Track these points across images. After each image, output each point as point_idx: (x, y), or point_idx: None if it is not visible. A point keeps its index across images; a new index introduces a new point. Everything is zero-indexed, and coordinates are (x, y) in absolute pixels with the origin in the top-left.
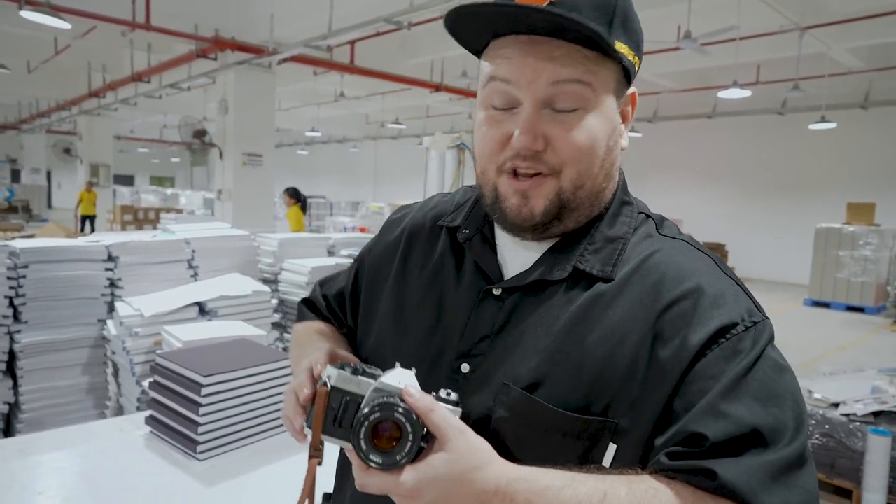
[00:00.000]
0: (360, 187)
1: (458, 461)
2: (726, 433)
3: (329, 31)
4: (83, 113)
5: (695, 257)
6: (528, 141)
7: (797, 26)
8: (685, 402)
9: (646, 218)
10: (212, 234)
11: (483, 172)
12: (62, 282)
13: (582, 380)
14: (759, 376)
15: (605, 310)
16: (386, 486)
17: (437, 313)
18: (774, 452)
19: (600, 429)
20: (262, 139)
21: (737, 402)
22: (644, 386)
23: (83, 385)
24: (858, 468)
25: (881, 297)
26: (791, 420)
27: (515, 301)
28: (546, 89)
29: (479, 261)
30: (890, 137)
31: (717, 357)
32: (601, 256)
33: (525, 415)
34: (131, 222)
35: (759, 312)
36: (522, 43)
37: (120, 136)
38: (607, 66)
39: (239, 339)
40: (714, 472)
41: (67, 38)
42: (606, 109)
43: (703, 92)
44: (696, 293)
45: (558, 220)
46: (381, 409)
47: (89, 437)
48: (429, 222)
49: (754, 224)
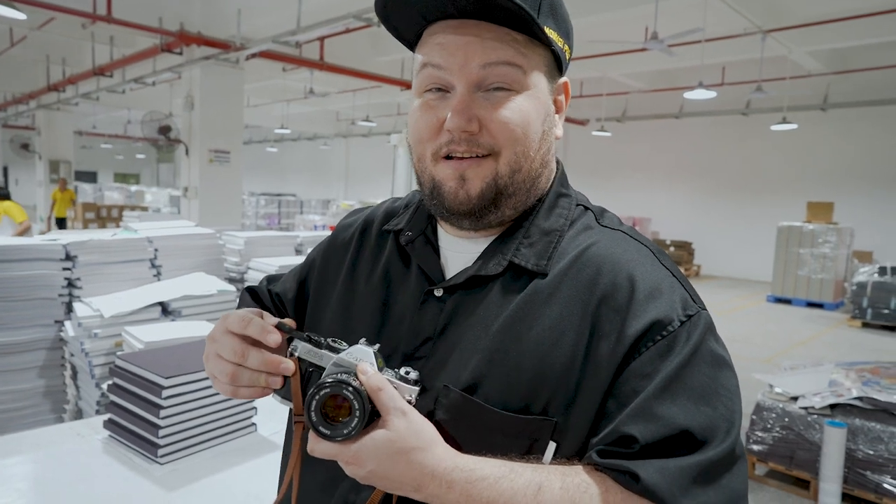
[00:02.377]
0: (331, 185)
1: (397, 439)
2: (656, 435)
3: (298, 26)
4: (41, 107)
5: (632, 248)
6: (461, 122)
7: (760, 29)
8: (618, 401)
9: (584, 210)
10: (175, 232)
11: (419, 160)
12: (17, 282)
13: (521, 379)
14: (693, 374)
15: (542, 307)
16: (332, 451)
17: (382, 318)
18: (702, 454)
19: (540, 428)
20: (230, 136)
21: (669, 402)
22: (580, 383)
23: (40, 388)
24: (816, 459)
25: (839, 293)
26: (723, 420)
27: (456, 301)
28: (477, 72)
29: (421, 262)
30: (847, 138)
31: (652, 355)
32: (536, 250)
33: (465, 416)
34: (94, 220)
35: (694, 304)
36: (453, 27)
37: (81, 131)
38: (537, 50)
39: (203, 340)
40: (637, 474)
41: (23, 29)
42: (538, 92)
43: (670, 92)
44: (630, 285)
45: (495, 206)
46: (331, 386)
47: (44, 441)
48: (377, 227)
49: (719, 222)
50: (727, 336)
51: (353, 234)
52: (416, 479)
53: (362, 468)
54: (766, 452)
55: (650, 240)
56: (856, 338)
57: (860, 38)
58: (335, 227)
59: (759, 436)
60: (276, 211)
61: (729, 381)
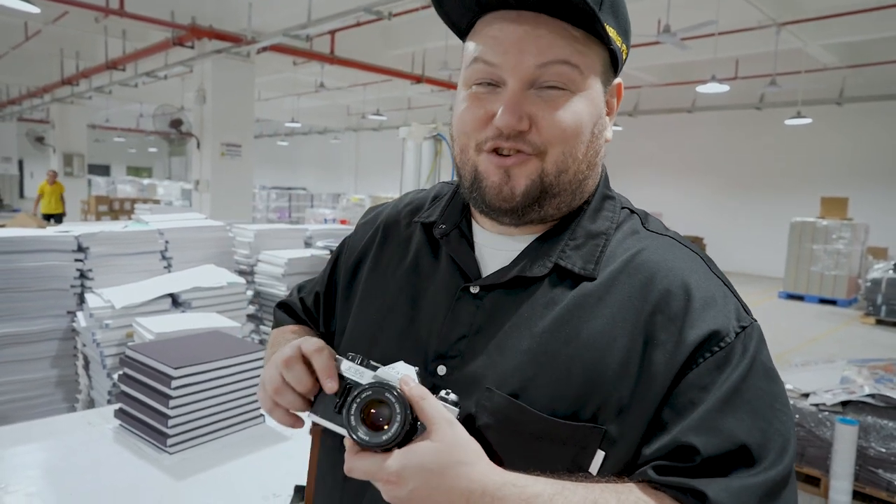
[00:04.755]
0: (342, 179)
1: (444, 451)
2: (718, 449)
3: (308, 20)
4: (56, 101)
5: (684, 255)
6: (511, 120)
7: (774, 22)
8: (675, 412)
9: (630, 213)
10: (186, 224)
11: (462, 150)
12: (30, 272)
13: (570, 384)
14: (750, 388)
15: (592, 310)
16: (371, 470)
17: (411, 313)
18: (763, 473)
19: (588, 436)
20: (241, 129)
21: (730, 415)
22: (634, 391)
23: (52, 378)
24: (827, 456)
25: (853, 289)
26: (778, 435)
27: (495, 299)
28: (532, 71)
29: (456, 257)
30: (863, 133)
31: (710, 367)
32: (583, 253)
33: (510, 420)
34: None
35: (747, 315)
36: (509, 19)
37: (94, 124)
38: (595, 49)
39: (212, 332)
40: (704, 493)
41: (38, 23)
42: (593, 94)
43: (682, 86)
44: (686, 294)
45: (538, 204)
46: (373, 388)
47: (56, 430)
48: (403, 219)
49: (731, 217)
50: None
51: (379, 226)
52: (465, 497)
53: (404, 487)
54: None
55: (697, 245)
56: (869, 335)
57: (877, 32)
58: (360, 220)
59: None
60: (286, 204)
61: (783, 396)
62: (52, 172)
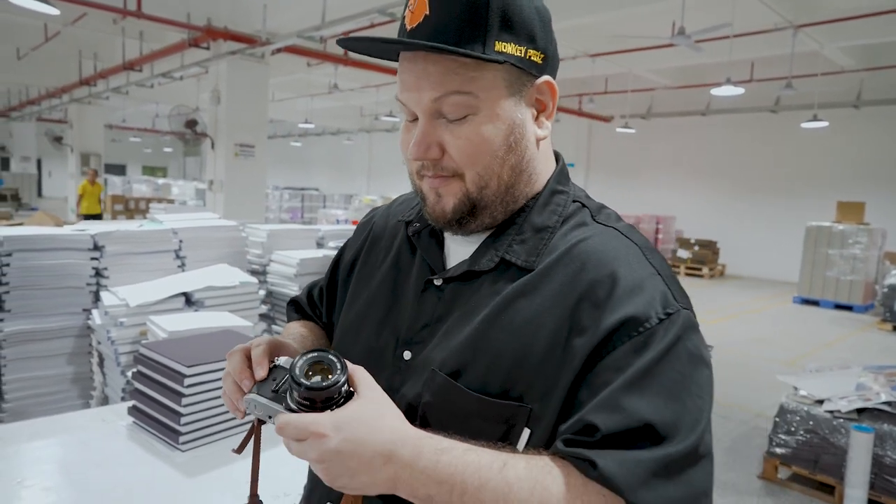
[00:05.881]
0: (354, 180)
1: (368, 407)
2: (618, 426)
3: (322, 21)
4: (74, 101)
5: (621, 244)
6: (419, 152)
7: (791, 24)
8: (591, 392)
9: (580, 206)
10: (200, 224)
11: (410, 173)
12: (46, 270)
13: (501, 367)
14: (665, 370)
15: (526, 299)
16: (302, 424)
17: (390, 304)
18: (663, 449)
19: (516, 414)
20: (255, 130)
21: (637, 395)
22: (557, 374)
23: (68, 375)
24: (841, 464)
25: (869, 295)
26: (689, 417)
27: (453, 291)
28: (430, 105)
29: (425, 253)
30: (881, 137)
31: (627, 350)
32: (527, 247)
33: (448, 399)
34: (122, 212)
35: (675, 303)
36: (407, 61)
37: (111, 125)
38: (490, 68)
39: (225, 330)
40: (595, 462)
41: (57, 25)
42: (499, 110)
43: (696, 89)
44: (612, 282)
45: (471, 216)
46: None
47: (71, 426)
48: (392, 218)
49: (745, 222)
50: (751, 337)
51: (372, 225)
52: (387, 446)
53: (332, 439)
54: (790, 456)
55: (645, 238)
56: (885, 341)
57: (895, 34)
58: (358, 224)
59: (782, 439)
60: (299, 205)
61: (703, 380)
62: (93, 171)
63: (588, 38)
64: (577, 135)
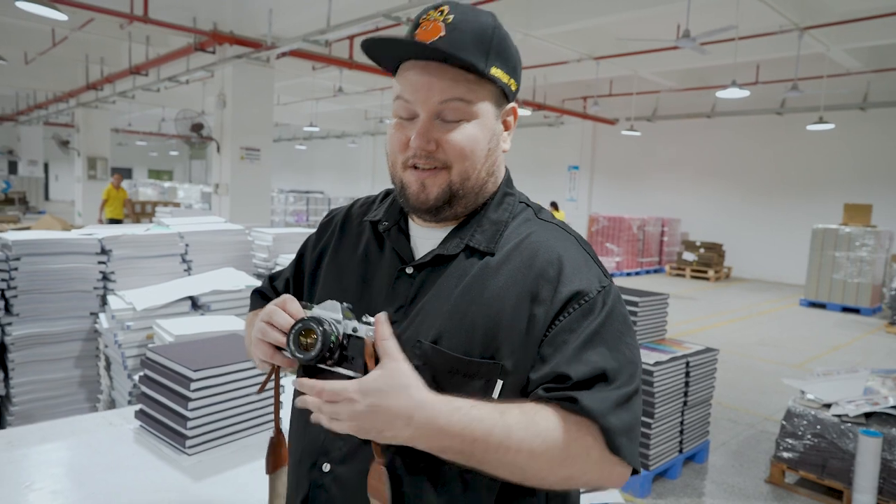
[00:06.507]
0: (359, 183)
1: (393, 376)
2: (585, 374)
3: (327, 25)
4: (81, 105)
5: (561, 237)
6: (422, 143)
7: (796, 26)
8: (553, 348)
9: (525, 206)
10: (206, 228)
11: (392, 166)
12: (54, 274)
13: (475, 332)
14: (607, 330)
15: (492, 277)
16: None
17: (361, 293)
18: (617, 389)
19: (492, 369)
20: (260, 134)
21: (591, 350)
22: (523, 335)
23: (75, 378)
24: (849, 469)
25: (877, 298)
26: (628, 363)
27: (424, 276)
28: (436, 105)
29: (396, 246)
30: (887, 139)
31: (577, 316)
32: (486, 236)
33: (433, 362)
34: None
35: (606, 279)
36: (420, 68)
37: (118, 128)
38: (485, 86)
39: (230, 334)
40: (577, 398)
41: (65, 30)
42: (485, 120)
43: (701, 91)
44: (559, 263)
45: (449, 205)
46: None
47: (78, 430)
48: (356, 219)
49: (751, 224)
50: (758, 340)
51: (337, 223)
52: (411, 409)
53: (361, 403)
54: (797, 460)
55: (577, 232)
56: (893, 344)
57: None
58: (321, 221)
59: (789, 443)
60: (304, 208)
61: (632, 336)
62: (118, 176)
63: (593, 41)
64: (582, 137)
